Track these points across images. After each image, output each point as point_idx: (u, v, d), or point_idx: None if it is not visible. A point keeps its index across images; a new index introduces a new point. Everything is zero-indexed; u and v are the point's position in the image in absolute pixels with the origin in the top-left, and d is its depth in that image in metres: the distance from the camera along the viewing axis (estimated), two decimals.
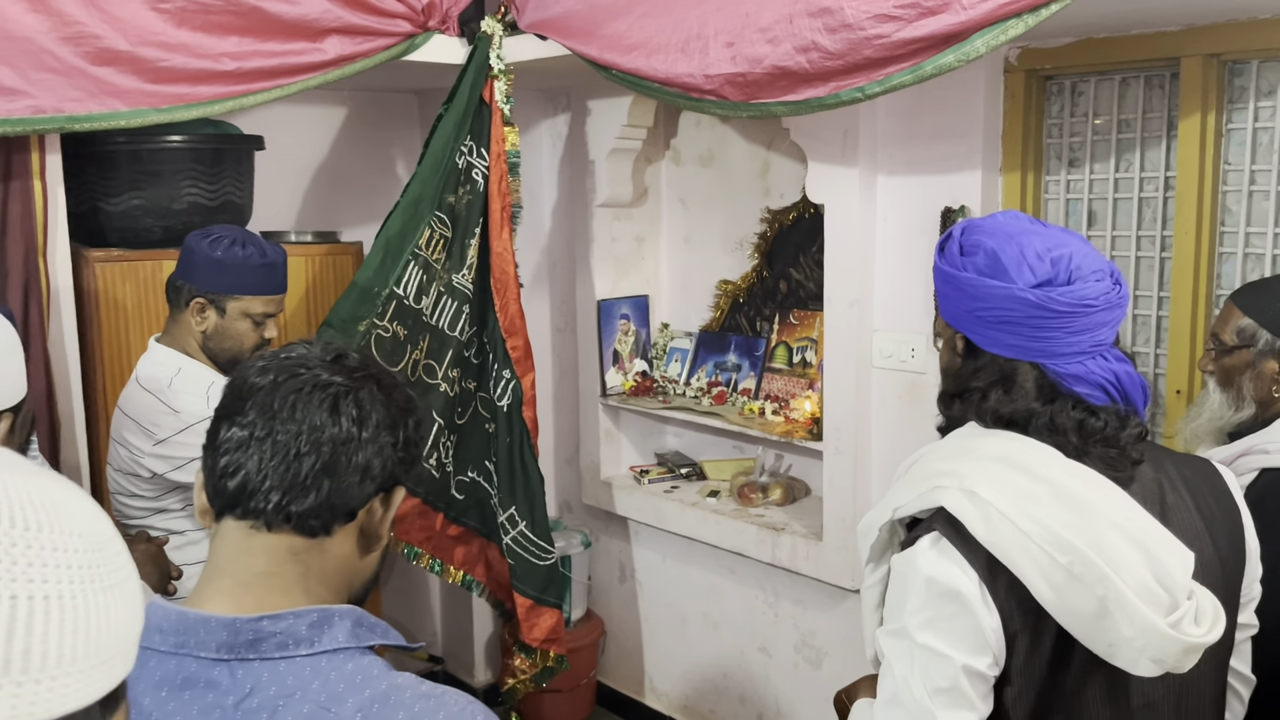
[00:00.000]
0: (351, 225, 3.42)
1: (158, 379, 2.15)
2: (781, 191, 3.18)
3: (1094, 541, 1.14)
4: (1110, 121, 2.42)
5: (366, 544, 0.99)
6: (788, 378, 3.13)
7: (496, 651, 3.69)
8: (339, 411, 0.94)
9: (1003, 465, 1.22)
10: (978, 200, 2.50)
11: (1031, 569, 1.15)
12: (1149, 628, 1.12)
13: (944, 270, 1.31)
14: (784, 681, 3.14)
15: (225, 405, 0.96)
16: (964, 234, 1.32)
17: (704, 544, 3.21)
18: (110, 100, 2.29)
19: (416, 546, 2.91)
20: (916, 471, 1.32)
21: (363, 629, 0.93)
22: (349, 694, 0.87)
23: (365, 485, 0.95)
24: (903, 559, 1.25)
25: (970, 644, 1.18)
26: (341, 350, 1.00)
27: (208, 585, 0.94)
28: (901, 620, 1.22)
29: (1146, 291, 2.42)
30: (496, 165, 2.81)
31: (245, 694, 0.86)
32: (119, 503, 2.22)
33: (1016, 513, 1.17)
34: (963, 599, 1.18)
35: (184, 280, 2.20)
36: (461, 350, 2.88)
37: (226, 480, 0.93)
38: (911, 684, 1.20)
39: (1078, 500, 1.17)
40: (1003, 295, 1.24)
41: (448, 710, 0.89)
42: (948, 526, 1.21)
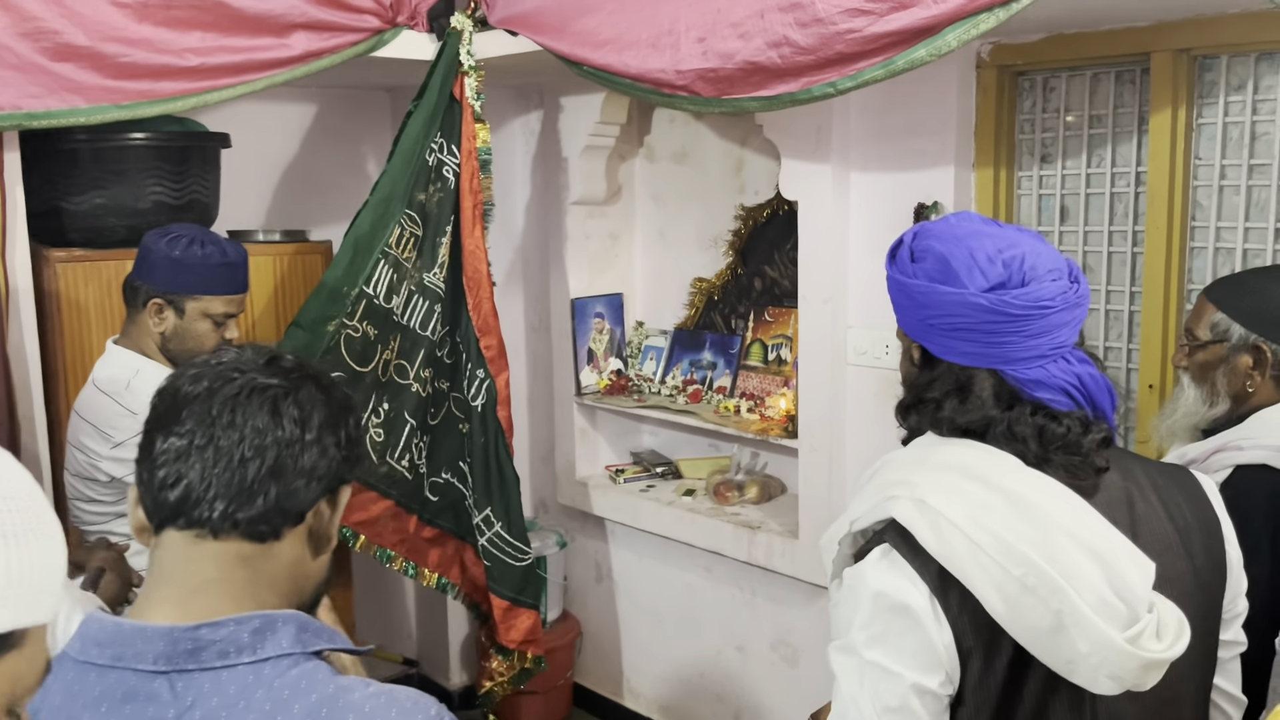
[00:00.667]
0: (320, 224, 3.38)
1: (115, 381, 2.11)
2: (756, 188, 3.17)
3: (1048, 553, 1.09)
4: (1082, 117, 2.42)
5: (316, 546, 0.97)
6: (763, 375, 3.12)
7: (472, 654, 3.66)
8: (280, 413, 0.92)
9: (956, 474, 1.18)
10: (950, 196, 2.49)
11: (984, 581, 1.11)
12: (1105, 643, 1.07)
13: (895, 279, 1.27)
14: (761, 680, 3.13)
15: (158, 417, 0.93)
16: (914, 239, 1.27)
17: (680, 543, 3.20)
18: (70, 97, 2.24)
19: (390, 549, 2.88)
20: (874, 482, 1.26)
21: (308, 634, 0.91)
22: (295, 700, 0.85)
23: (312, 487, 0.93)
24: (853, 573, 1.20)
25: (920, 661, 1.13)
26: (274, 352, 0.98)
27: (152, 594, 0.91)
28: (850, 636, 1.17)
29: (1119, 286, 2.42)
30: (468, 162, 2.78)
31: (187, 706, 0.84)
32: (77, 509, 2.18)
33: (968, 522, 1.12)
34: (912, 613, 1.13)
35: (141, 280, 2.16)
36: (434, 350, 2.85)
37: (166, 492, 0.90)
38: (860, 702, 1.15)
39: (1033, 510, 1.12)
40: (954, 301, 1.19)
41: (399, 705, 0.87)
42: (898, 538, 1.17)
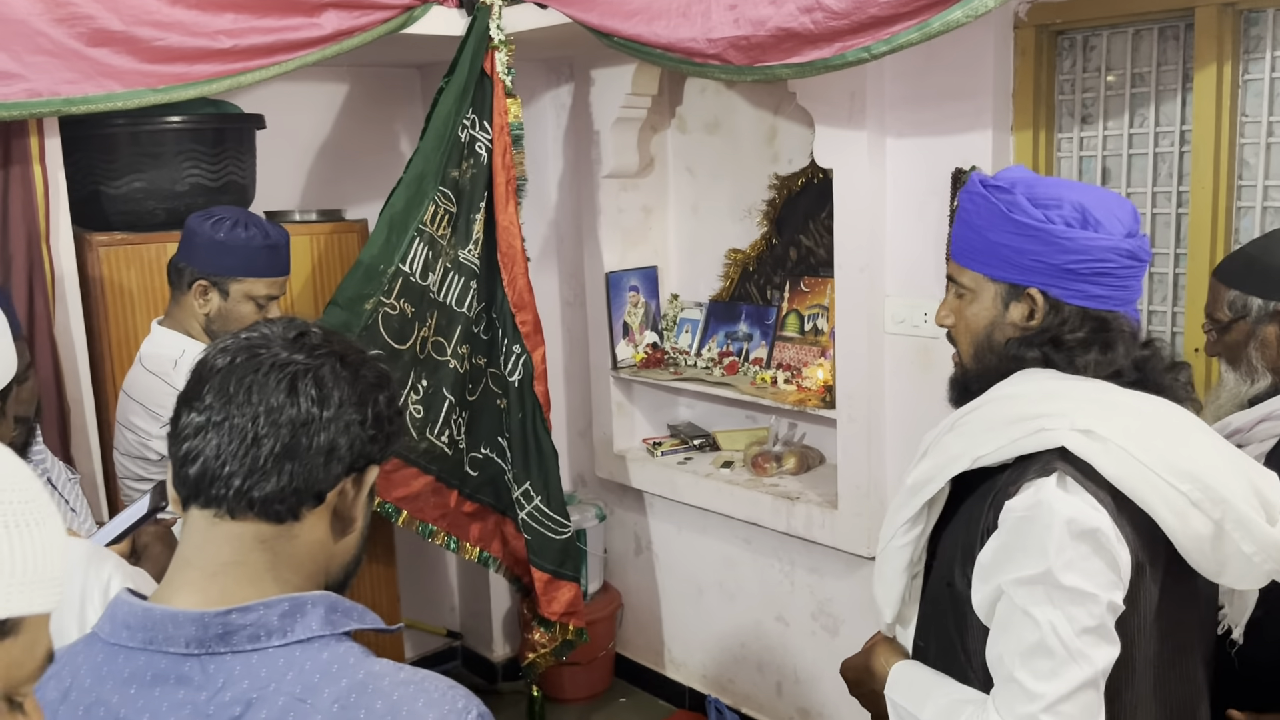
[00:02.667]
0: (356, 203, 3.40)
1: (162, 361, 2.15)
2: (789, 157, 3.14)
3: (1207, 468, 1.19)
4: (1124, 75, 2.36)
5: (341, 527, 0.95)
6: (799, 346, 3.11)
7: (515, 626, 3.70)
8: (297, 391, 0.90)
9: (1098, 405, 1.25)
10: (989, 160, 2.45)
11: (1157, 500, 1.19)
12: (1271, 541, 1.19)
13: (1023, 223, 1.30)
14: (802, 650, 3.13)
15: (186, 390, 0.93)
16: (1028, 188, 1.32)
17: (719, 515, 3.20)
18: (106, 81, 2.26)
19: (432, 524, 2.91)
20: (991, 419, 1.30)
21: (337, 614, 0.90)
22: (325, 684, 0.84)
23: (332, 466, 0.91)
24: (1025, 504, 1.21)
25: (1109, 579, 1.19)
26: (304, 328, 0.96)
27: (174, 577, 0.91)
28: (1041, 565, 1.18)
29: (1163, 249, 2.37)
30: (500, 138, 2.77)
31: (218, 688, 0.84)
32: (128, 487, 2.22)
33: (1135, 447, 1.19)
34: (1101, 535, 1.18)
35: (186, 262, 2.19)
36: (470, 326, 2.86)
37: (188, 468, 0.90)
38: (1059, 628, 1.17)
39: (1179, 430, 1.23)
40: (1104, 247, 1.27)
41: (428, 696, 0.86)
42: (1069, 465, 1.21)
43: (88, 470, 2.48)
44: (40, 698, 0.88)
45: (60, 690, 0.88)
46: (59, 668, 0.89)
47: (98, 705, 0.86)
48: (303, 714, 0.83)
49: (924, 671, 1.38)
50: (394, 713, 0.84)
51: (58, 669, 0.89)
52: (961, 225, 1.40)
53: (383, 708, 0.84)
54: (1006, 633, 1.22)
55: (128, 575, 1.34)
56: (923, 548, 1.39)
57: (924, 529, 1.37)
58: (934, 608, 1.39)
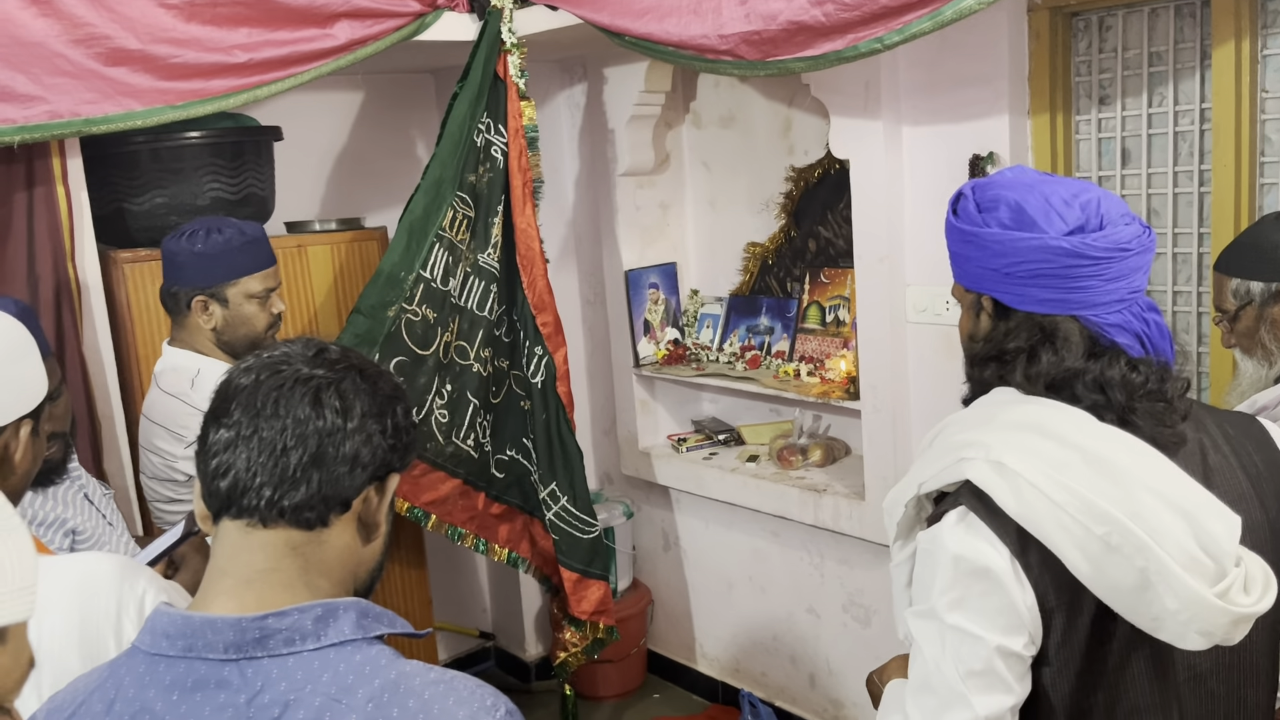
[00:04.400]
0: (374, 210, 3.42)
1: (179, 382, 2.16)
2: (805, 149, 3.13)
3: (1132, 510, 1.08)
4: (1140, 55, 2.34)
5: (366, 533, 0.99)
6: (821, 338, 3.10)
7: (546, 625, 3.71)
8: (322, 404, 0.94)
9: (1030, 433, 1.16)
10: (1006, 146, 2.44)
11: (1066, 541, 1.09)
12: (1195, 599, 1.06)
13: (963, 230, 1.26)
14: (834, 641, 3.13)
15: (213, 409, 0.97)
16: (977, 191, 1.27)
17: (746, 509, 3.20)
18: (126, 100, 2.29)
19: (460, 527, 2.93)
20: (940, 443, 1.25)
21: (368, 619, 0.93)
22: (359, 685, 0.88)
23: (356, 474, 0.95)
24: (928, 536, 1.18)
25: (1003, 623, 1.12)
26: (322, 344, 1.01)
27: (211, 587, 0.95)
28: (930, 601, 1.15)
29: (1186, 229, 2.35)
30: (515, 141, 2.78)
31: (256, 691, 0.87)
32: (158, 510, 2.23)
33: (1047, 482, 1.10)
34: (993, 576, 1.12)
35: (176, 286, 2.19)
36: (492, 329, 2.88)
37: (219, 481, 0.94)
38: (943, 667, 1.14)
39: (1112, 467, 1.11)
40: (1035, 247, 1.19)
41: (458, 694, 0.90)
42: (974, 500, 1.15)
43: (120, 485, 2.51)
44: (86, 710, 0.90)
45: (105, 702, 0.90)
46: (103, 680, 0.92)
47: (143, 713, 0.88)
48: (338, 714, 0.86)
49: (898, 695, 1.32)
50: (426, 710, 0.87)
51: (101, 681, 0.92)
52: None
53: (415, 706, 0.87)
54: (910, 663, 1.20)
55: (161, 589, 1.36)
56: None
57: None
58: None
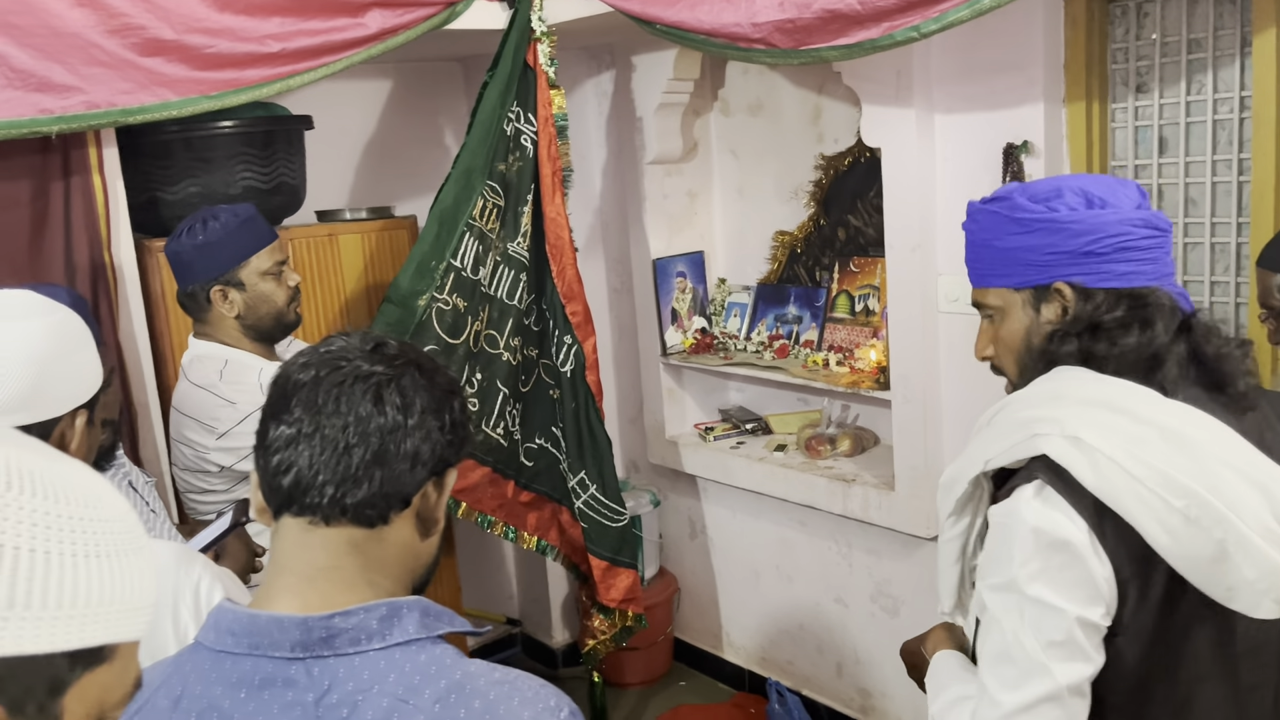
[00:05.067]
0: (404, 199, 3.43)
1: (207, 374, 2.17)
2: (835, 136, 3.11)
3: (1209, 483, 1.11)
4: (1179, 42, 2.31)
5: (424, 529, 0.99)
6: (851, 327, 3.09)
7: (573, 613, 3.73)
8: (383, 400, 0.94)
9: (1103, 409, 1.18)
10: (1041, 134, 2.42)
11: (1145, 515, 1.13)
12: (1273, 568, 1.10)
13: (1029, 219, 1.28)
14: (861, 631, 3.13)
15: (272, 404, 0.96)
16: (1024, 191, 1.31)
17: (773, 498, 3.20)
18: (161, 90, 2.30)
19: (489, 514, 2.94)
20: (1004, 421, 1.28)
21: (430, 618, 0.94)
22: (425, 685, 0.88)
23: (417, 471, 0.95)
24: (1003, 511, 1.21)
25: (1082, 595, 1.15)
26: (380, 339, 1.00)
27: (273, 584, 0.95)
28: (1009, 573, 1.18)
29: (1224, 218, 2.33)
30: (544, 129, 2.78)
31: (324, 690, 0.87)
32: (191, 501, 2.25)
33: (1125, 457, 1.13)
34: (1072, 548, 1.15)
35: (191, 284, 2.20)
36: (521, 319, 2.88)
37: (280, 478, 0.93)
38: (1023, 638, 1.16)
39: (1187, 441, 1.14)
40: (1116, 220, 1.24)
41: (522, 695, 0.90)
42: (1051, 475, 1.18)
43: (156, 473, 2.53)
44: (152, 706, 0.91)
45: (171, 698, 0.91)
46: (168, 676, 0.93)
47: (210, 710, 0.89)
48: (406, 714, 0.86)
49: (953, 664, 1.38)
50: (491, 711, 0.87)
51: (166, 677, 0.93)
52: (971, 249, 1.38)
53: (480, 707, 0.87)
54: (984, 637, 1.23)
55: (215, 575, 1.38)
56: (975, 538, 1.39)
57: (971, 521, 1.37)
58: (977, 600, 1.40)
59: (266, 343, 2.27)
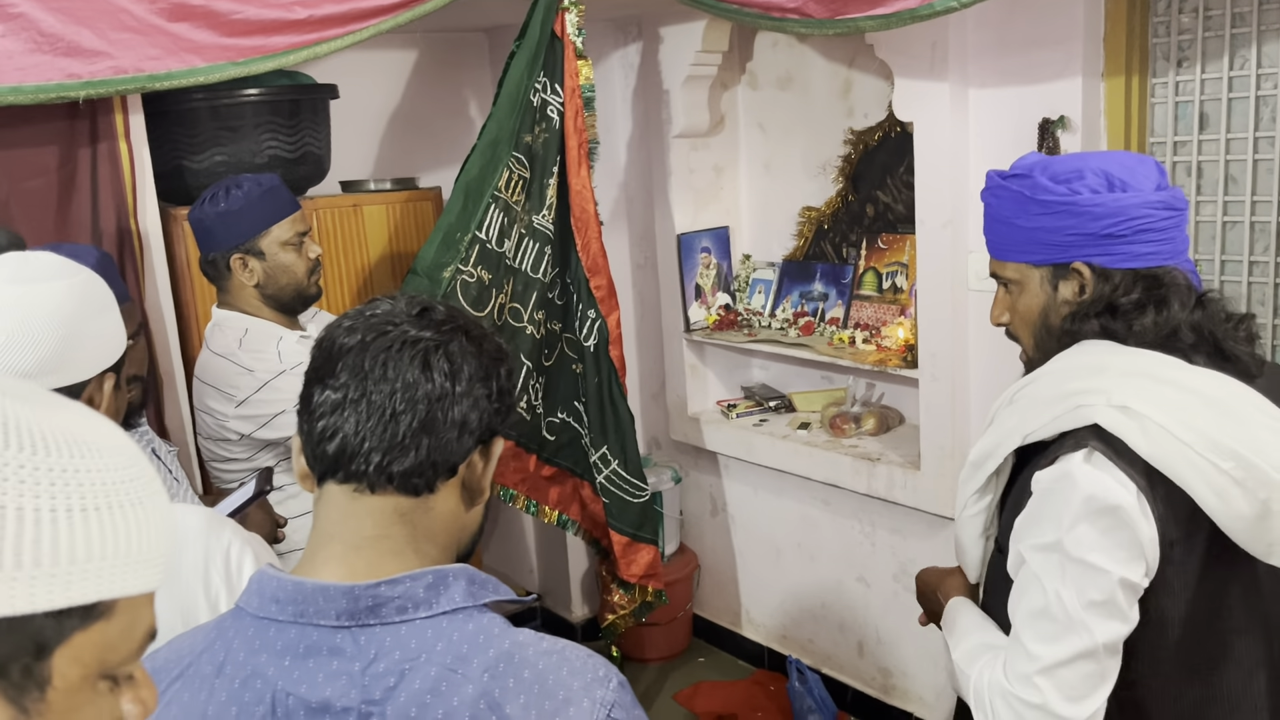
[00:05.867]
0: (429, 170, 3.41)
1: (227, 342, 2.17)
2: (865, 111, 3.07)
3: (1254, 446, 1.16)
4: (1223, 15, 2.26)
5: (470, 498, 0.97)
6: (878, 305, 3.06)
7: (593, 587, 3.73)
8: (431, 367, 0.91)
9: (1146, 379, 1.23)
10: (1079, 109, 2.37)
11: (1195, 478, 1.17)
12: None
13: (1050, 200, 1.31)
14: (884, 610, 3.12)
15: (316, 368, 0.93)
16: (1045, 169, 1.33)
17: (796, 476, 3.18)
18: (189, 56, 2.28)
19: (511, 488, 2.94)
20: (1038, 396, 1.32)
21: (476, 586, 0.92)
22: (473, 654, 0.86)
23: (464, 440, 0.93)
24: (1052, 476, 1.24)
25: (1124, 556, 1.19)
26: (427, 303, 0.97)
27: (319, 552, 0.93)
28: (1055, 535, 1.21)
29: (1266, 197, 2.28)
30: (571, 101, 2.75)
31: (371, 659, 0.86)
32: (215, 469, 2.26)
33: (1174, 423, 1.18)
34: (1121, 512, 1.18)
35: (212, 252, 2.20)
36: (545, 292, 2.86)
37: (325, 444, 0.91)
38: (1064, 596, 1.20)
39: (1227, 407, 1.19)
40: (1137, 204, 1.27)
41: (571, 665, 0.89)
42: (1099, 442, 1.21)
43: (180, 441, 2.54)
44: (195, 672, 0.90)
45: (214, 664, 0.90)
46: (210, 642, 0.92)
47: (254, 678, 0.88)
48: (455, 684, 0.85)
49: (972, 613, 1.43)
50: (541, 681, 0.86)
51: (210, 643, 0.91)
52: (991, 222, 1.42)
53: (530, 676, 0.86)
54: (1021, 594, 1.26)
55: (245, 540, 1.38)
56: (994, 514, 1.43)
57: (993, 497, 1.41)
58: (993, 571, 1.44)
59: (287, 313, 2.27)
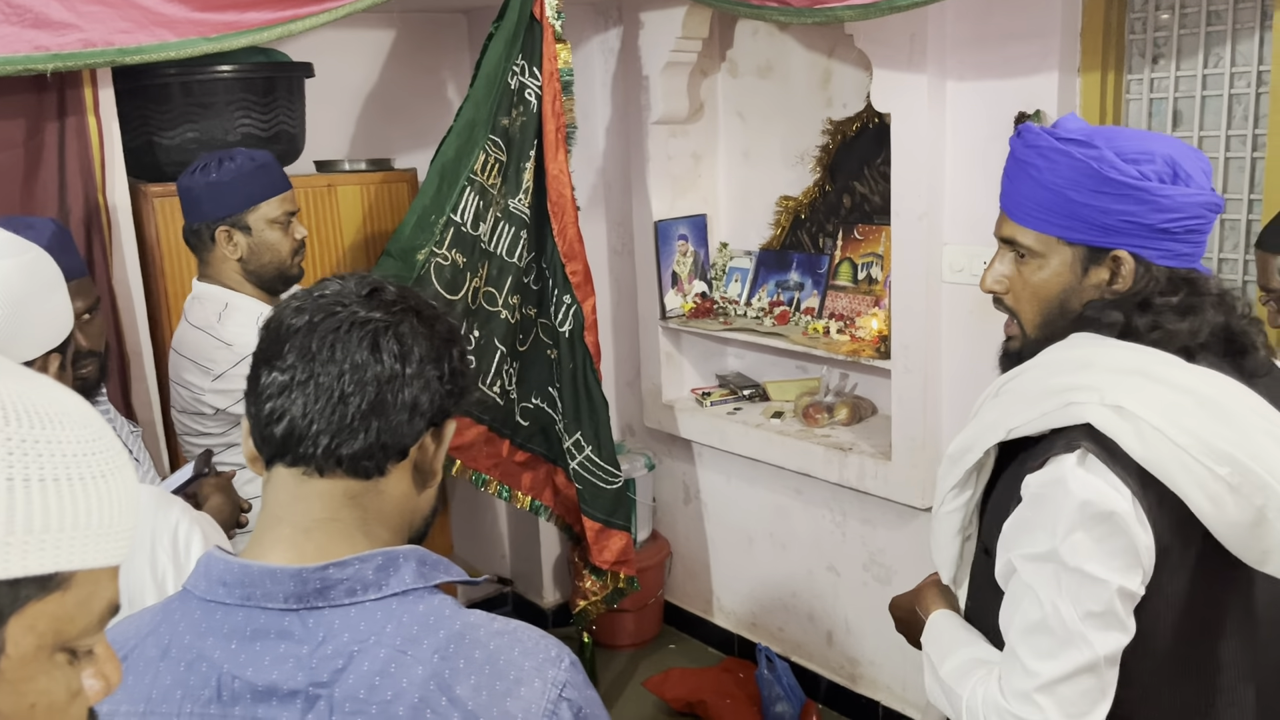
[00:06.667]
0: (405, 152, 3.38)
1: (206, 315, 2.16)
2: (844, 101, 3.07)
3: (1250, 451, 1.11)
4: (1199, 13, 2.27)
5: (422, 480, 0.96)
6: (853, 295, 3.06)
7: (565, 573, 3.73)
8: (380, 349, 0.90)
9: (1138, 377, 1.17)
10: (1054, 103, 2.38)
11: (1189, 483, 1.12)
12: None
13: (1119, 180, 1.20)
14: (853, 599, 3.13)
15: (263, 349, 0.92)
16: (1104, 141, 1.23)
17: (769, 465, 3.19)
18: (160, 31, 2.25)
19: (484, 473, 2.93)
20: (1024, 390, 1.25)
21: (427, 567, 0.91)
22: (424, 636, 0.86)
23: (415, 422, 0.91)
24: (1043, 480, 1.18)
25: (1121, 564, 1.14)
26: (377, 284, 0.95)
27: (267, 534, 0.92)
28: (1050, 544, 1.15)
29: (1236, 195, 2.30)
30: (549, 85, 2.73)
31: (319, 642, 0.85)
32: (187, 444, 2.24)
33: (1169, 426, 1.12)
34: (1117, 519, 1.13)
35: (197, 221, 2.18)
36: (521, 276, 2.85)
37: (273, 427, 0.90)
38: (1060, 609, 1.15)
39: (1222, 409, 1.14)
40: (1200, 203, 1.21)
41: (523, 645, 0.88)
42: (1092, 443, 1.15)
43: (147, 420, 2.51)
44: (139, 655, 0.89)
45: (159, 647, 0.89)
46: (156, 625, 0.90)
47: (200, 661, 0.87)
48: (404, 665, 0.84)
49: (955, 625, 1.37)
50: (492, 662, 0.86)
51: (155, 626, 0.90)
52: (1028, 182, 1.27)
53: (481, 657, 0.86)
54: (1014, 606, 1.20)
55: (194, 519, 1.36)
56: (973, 511, 1.37)
57: (973, 494, 1.34)
58: (977, 571, 1.38)
59: (268, 291, 2.25)
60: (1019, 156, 1.30)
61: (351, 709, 0.83)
